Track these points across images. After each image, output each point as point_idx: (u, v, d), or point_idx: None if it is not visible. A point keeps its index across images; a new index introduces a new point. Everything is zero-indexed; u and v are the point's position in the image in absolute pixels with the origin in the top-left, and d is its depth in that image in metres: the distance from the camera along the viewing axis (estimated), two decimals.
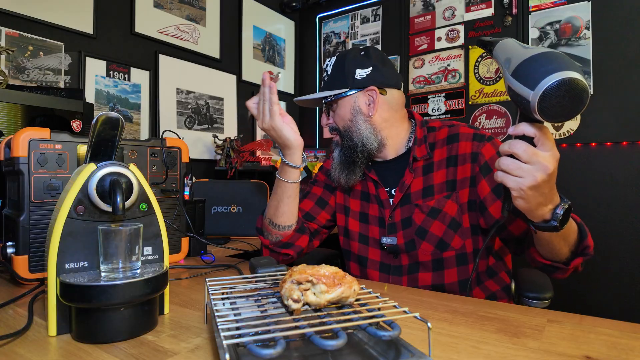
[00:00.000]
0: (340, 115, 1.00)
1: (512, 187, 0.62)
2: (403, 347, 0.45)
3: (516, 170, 0.61)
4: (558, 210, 0.65)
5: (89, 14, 1.89)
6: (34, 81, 1.69)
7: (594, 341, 0.54)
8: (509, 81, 0.59)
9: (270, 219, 0.99)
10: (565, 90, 0.52)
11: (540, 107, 0.53)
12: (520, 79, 0.56)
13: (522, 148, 0.60)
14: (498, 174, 0.64)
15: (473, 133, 0.95)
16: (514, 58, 0.60)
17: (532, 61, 0.56)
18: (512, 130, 0.63)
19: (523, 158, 0.60)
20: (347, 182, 1.02)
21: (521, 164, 0.61)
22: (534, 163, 0.60)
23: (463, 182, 0.93)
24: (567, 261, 0.75)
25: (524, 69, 0.57)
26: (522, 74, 0.57)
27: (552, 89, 0.52)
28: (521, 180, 0.61)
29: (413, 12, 2.65)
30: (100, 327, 0.54)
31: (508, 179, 0.62)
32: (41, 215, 0.82)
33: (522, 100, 0.56)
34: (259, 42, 2.85)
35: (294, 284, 0.51)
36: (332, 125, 1.04)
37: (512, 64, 0.59)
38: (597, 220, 2.03)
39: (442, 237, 0.93)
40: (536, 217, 0.66)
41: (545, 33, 2.18)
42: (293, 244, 1.00)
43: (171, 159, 1.05)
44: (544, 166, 0.60)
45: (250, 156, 2.35)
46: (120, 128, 0.61)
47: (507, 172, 0.62)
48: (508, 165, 0.62)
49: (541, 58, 0.55)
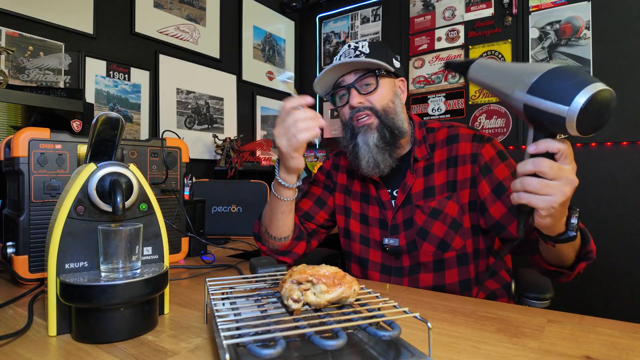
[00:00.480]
0: (381, 95, 0.95)
1: (542, 206, 0.59)
2: (403, 347, 0.45)
3: (544, 188, 0.59)
4: (572, 220, 0.64)
5: (89, 14, 1.89)
6: (34, 81, 1.69)
7: (594, 341, 0.54)
8: (527, 100, 0.57)
9: (266, 229, 0.97)
10: (601, 102, 0.52)
11: (579, 121, 0.52)
12: (546, 95, 0.55)
13: (548, 165, 0.58)
14: (521, 195, 0.61)
15: (472, 134, 0.95)
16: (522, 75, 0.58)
17: (551, 77, 0.55)
18: (533, 149, 0.60)
19: (549, 175, 0.58)
20: (383, 165, 0.95)
21: (548, 181, 0.59)
22: (561, 179, 0.58)
23: (463, 182, 0.93)
24: (571, 266, 0.75)
25: (546, 85, 0.55)
26: (547, 90, 0.55)
27: (590, 101, 0.51)
28: (551, 198, 0.59)
29: (413, 12, 2.65)
30: (100, 327, 0.54)
31: (535, 199, 0.60)
32: (41, 215, 0.82)
33: (550, 117, 0.55)
34: (259, 42, 2.85)
35: (294, 284, 0.51)
36: (365, 105, 0.95)
37: (523, 81, 0.57)
38: (597, 220, 2.03)
39: (443, 237, 0.93)
40: (553, 232, 0.65)
41: (545, 33, 2.18)
42: (290, 252, 1.00)
43: (171, 159, 1.05)
44: (570, 180, 0.59)
45: (250, 156, 2.35)
46: (120, 128, 0.61)
47: (534, 192, 0.60)
48: (535, 185, 0.59)
49: (561, 72, 0.55)
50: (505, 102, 0.63)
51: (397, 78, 1.00)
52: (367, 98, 0.95)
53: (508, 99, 0.61)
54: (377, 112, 0.95)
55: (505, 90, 0.61)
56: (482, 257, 0.95)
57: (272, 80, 2.96)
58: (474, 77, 0.69)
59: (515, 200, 0.63)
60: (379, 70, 0.94)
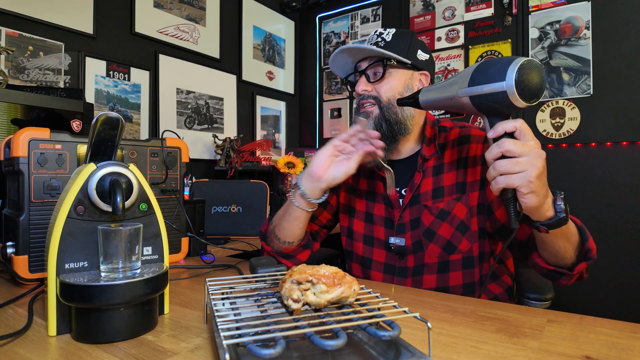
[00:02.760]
0: (390, 85, 0.93)
1: (519, 184, 0.62)
2: (403, 347, 0.45)
3: (516, 166, 0.62)
4: (558, 202, 0.67)
5: (89, 14, 1.89)
6: (34, 81, 1.69)
7: (594, 341, 0.54)
8: (470, 92, 0.65)
9: (275, 229, 0.95)
10: (529, 69, 0.60)
11: (519, 88, 0.59)
12: (482, 81, 0.63)
13: (511, 144, 0.62)
14: (498, 180, 0.64)
15: (484, 135, 0.94)
16: (458, 79, 0.68)
17: (483, 67, 0.65)
18: (492, 134, 0.66)
19: (516, 153, 0.62)
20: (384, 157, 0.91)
21: (517, 159, 0.62)
22: (528, 153, 0.62)
23: (473, 184, 0.92)
24: (571, 266, 0.75)
25: (480, 75, 0.64)
26: (482, 78, 0.64)
27: (520, 70, 0.59)
28: (525, 173, 0.61)
29: (413, 12, 2.65)
30: (100, 327, 0.54)
31: (511, 178, 0.62)
32: (41, 215, 0.82)
33: (494, 97, 0.62)
34: (259, 42, 2.85)
35: (294, 284, 0.51)
36: (371, 93, 0.94)
37: (462, 82, 0.67)
38: (597, 220, 2.02)
39: (450, 239, 0.91)
40: (542, 215, 0.66)
41: (545, 33, 2.18)
42: (294, 257, 0.97)
43: (171, 159, 1.05)
44: (538, 153, 0.62)
45: (250, 156, 2.35)
46: (120, 128, 0.61)
47: (507, 172, 0.62)
48: (506, 166, 0.62)
49: (488, 62, 0.64)
50: (454, 105, 0.70)
51: (417, 71, 0.97)
52: (374, 87, 0.94)
53: (455, 100, 0.69)
54: (381, 102, 0.93)
55: (451, 94, 0.69)
56: (486, 261, 0.94)
57: (272, 80, 2.96)
58: (425, 99, 0.77)
59: (494, 188, 0.66)
60: (388, 60, 0.93)
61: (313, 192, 0.86)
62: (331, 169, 0.85)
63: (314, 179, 0.85)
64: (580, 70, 2.08)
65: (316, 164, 0.85)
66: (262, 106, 2.87)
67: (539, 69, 0.61)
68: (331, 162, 0.86)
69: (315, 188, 0.85)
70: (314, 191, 0.86)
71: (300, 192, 0.86)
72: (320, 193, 0.86)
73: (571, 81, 2.10)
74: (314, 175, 0.85)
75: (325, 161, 0.85)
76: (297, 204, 0.88)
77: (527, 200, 0.63)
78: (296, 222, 0.90)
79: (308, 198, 0.86)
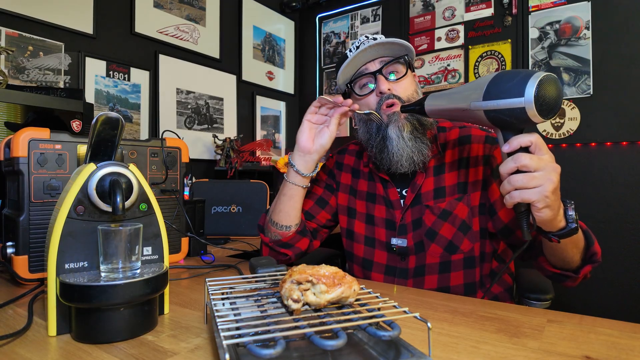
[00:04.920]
0: (406, 86, 0.93)
1: (535, 199, 0.61)
2: (403, 347, 0.45)
3: (532, 181, 0.61)
4: (570, 212, 0.66)
5: (89, 14, 1.89)
6: (33, 81, 1.69)
7: (594, 341, 0.54)
8: (485, 106, 0.63)
9: (270, 216, 0.98)
10: (548, 83, 0.58)
11: (537, 105, 0.58)
12: (499, 96, 0.61)
13: (527, 159, 0.61)
14: (513, 194, 0.63)
15: (485, 135, 0.94)
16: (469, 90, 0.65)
17: (499, 80, 0.62)
18: (507, 148, 0.64)
19: (532, 167, 0.61)
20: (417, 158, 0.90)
21: (533, 173, 0.61)
22: (544, 168, 0.61)
23: (475, 184, 0.92)
24: (577, 269, 0.75)
25: (496, 88, 0.62)
26: (498, 91, 0.61)
27: (539, 86, 0.57)
28: (541, 188, 0.60)
29: (413, 12, 2.65)
30: (100, 327, 0.54)
31: (527, 193, 0.61)
32: (41, 215, 0.82)
33: (511, 112, 0.60)
34: (258, 42, 2.85)
35: (294, 284, 0.51)
36: (393, 93, 0.91)
37: (475, 94, 0.64)
38: (597, 220, 2.03)
39: (452, 239, 0.91)
40: (555, 226, 0.66)
41: (545, 33, 2.18)
42: (292, 245, 0.97)
43: (171, 159, 1.04)
44: (553, 167, 0.61)
45: (250, 156, 2.35)
46: (120, 128, 0.61)
47: (523, 187, 0.62)
48: (522, 180, 0.61)
49: (504, 75, 0.62)
50: (465, 116, 0.68)
51: (412, 72, 0.99)
52: (394, 86, 0.92)
53: (467, 112, 0.66)
54: (403, 102, 0.90)
55: (463, 106, 0.67)
56: (487, 261, 0.94)
57: (272, 80, 2.96)
58: (431, 107, 0.75)
59: (508, 202, 0.65)
60: (407, 56, 0.93)
61: (307, 166, 0.92)
62: (316, 139, 0.91)
63: (305, 153, 0.91)
64: (580, 70, 2.08)
65: (302, 141, 0.91)
66: (262, 106, 2.87)
67: (556, 83, 0.59)
68: (314, 134, 0.91)
69: (309, 161, 0.92)
70: (308, 164, 0.92)
71: (295, 169, 0.92)
72: (314, 165, 0.93)
73: (571, 81, 2.10)
74: (304, 149, 0.91)
75: (309, 135, 0.91)
76: (292, 182, 0.93)
77: (542, 214, 0.63)
78: (291, 201, 0.94)
79: (302, 173, 0.92)
